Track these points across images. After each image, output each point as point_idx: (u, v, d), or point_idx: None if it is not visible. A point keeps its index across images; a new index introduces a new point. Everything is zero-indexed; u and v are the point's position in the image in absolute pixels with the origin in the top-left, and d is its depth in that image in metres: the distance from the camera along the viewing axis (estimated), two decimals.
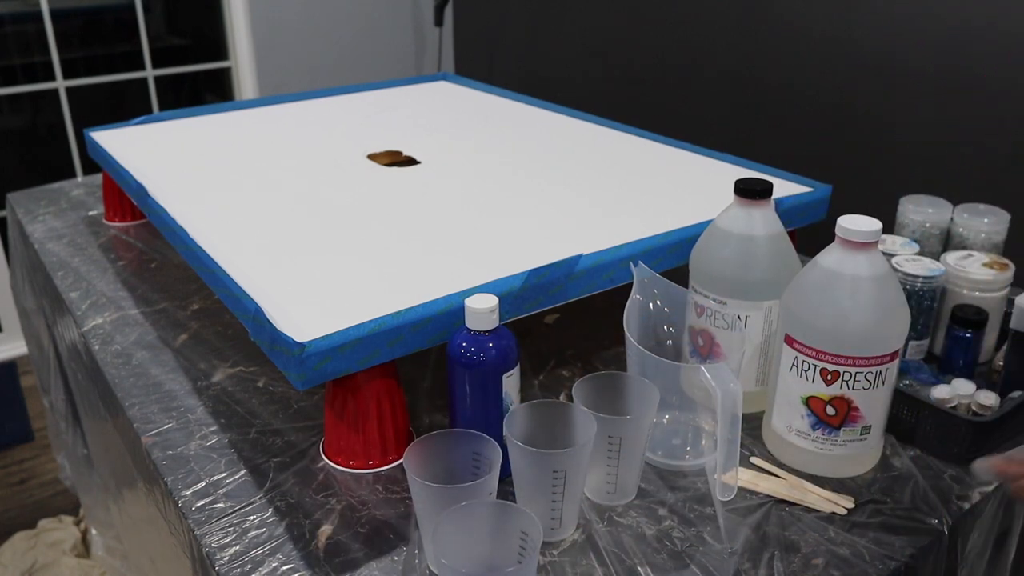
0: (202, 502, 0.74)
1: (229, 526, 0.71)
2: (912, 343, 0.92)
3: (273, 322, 0.73)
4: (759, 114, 2.02)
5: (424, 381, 0.92)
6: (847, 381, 0.72)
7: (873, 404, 0.74)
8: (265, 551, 0.68)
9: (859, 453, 0.76)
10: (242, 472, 0.78)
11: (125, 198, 1.31)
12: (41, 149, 2.68)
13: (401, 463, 0.76)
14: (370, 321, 0.73)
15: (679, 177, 1.12)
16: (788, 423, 0.77)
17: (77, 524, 1.86)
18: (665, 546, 0.69)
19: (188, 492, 0.75)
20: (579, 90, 2.53)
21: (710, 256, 0.81)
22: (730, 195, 0.81)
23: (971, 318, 0.89)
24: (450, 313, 0.77)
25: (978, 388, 0.83)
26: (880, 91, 1.75)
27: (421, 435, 0.68)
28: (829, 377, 0.73)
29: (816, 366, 0.73)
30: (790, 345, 0.75)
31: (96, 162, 1.29)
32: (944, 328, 0.93)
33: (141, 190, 1.07)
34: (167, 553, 0.82)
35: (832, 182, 1.07)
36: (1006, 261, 0.95)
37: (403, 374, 0.81)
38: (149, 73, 2.68)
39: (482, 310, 0.70)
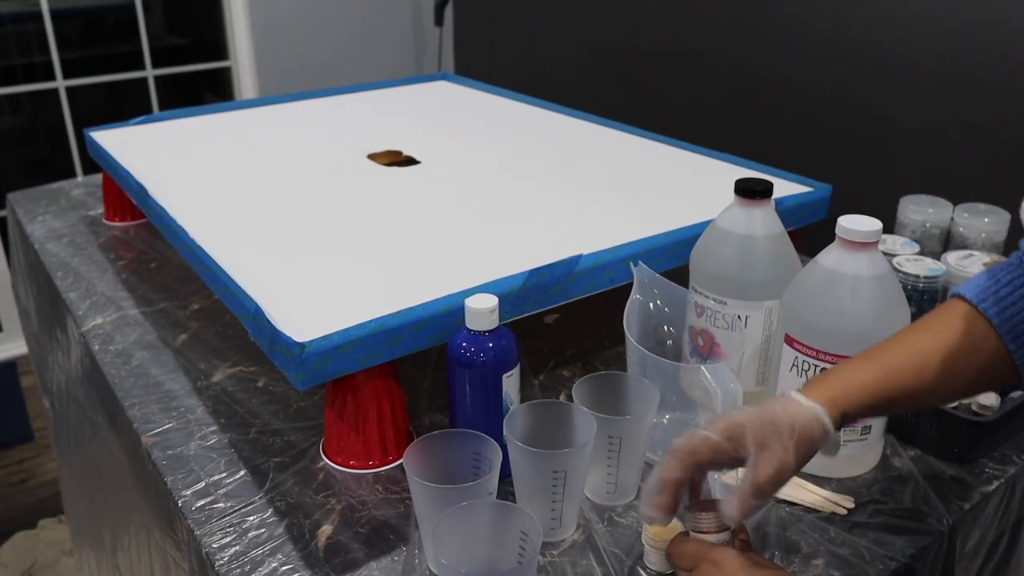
0: (202, 502, 0.74)
1: (229, 526, 0.71)
2: None
3: (273, 322, 0.73)
4: (759, 114, 2.02)
5: (424, 381, 0.92)
6: None
7: None
8: (265, 551, 0.68)
9: (859, 453, 0.76)
10: (242, 472, 0.77)
11: (125, 198, 1.31)
12: (41, 149, 2.68)
13: (401, 463, 0.76)
14: (370, 321, 0.73)
15: (679, 177, 1.12)
16: None
17: None
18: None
19: (188, 492, 0.75)
20: (579, 90, 2.53)
21: (710, 256, 0.81)
22: (730, 195, 0.81)
23: None
24: (450, 313, 0.77)
25: None
26: (880, 90, 1.75)
27: (421, 435, 0.68)
28: None
29: (816, 366, 0.73)
30: (790, 345, 0.75)
31: (96, 162, 1.29)
32: None
33: (141, 190, 1.07)
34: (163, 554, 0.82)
35: (832, 182, 1.07)
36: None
37: (403, 374, 0.81)
38: (149, 73, 2.68)
39: (482, 310, 0.70)
